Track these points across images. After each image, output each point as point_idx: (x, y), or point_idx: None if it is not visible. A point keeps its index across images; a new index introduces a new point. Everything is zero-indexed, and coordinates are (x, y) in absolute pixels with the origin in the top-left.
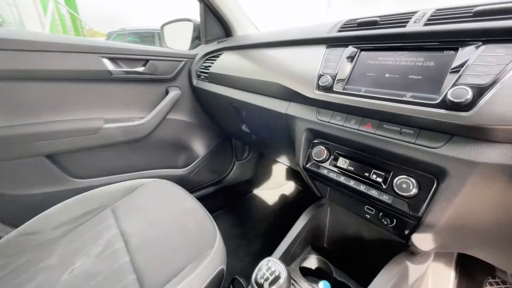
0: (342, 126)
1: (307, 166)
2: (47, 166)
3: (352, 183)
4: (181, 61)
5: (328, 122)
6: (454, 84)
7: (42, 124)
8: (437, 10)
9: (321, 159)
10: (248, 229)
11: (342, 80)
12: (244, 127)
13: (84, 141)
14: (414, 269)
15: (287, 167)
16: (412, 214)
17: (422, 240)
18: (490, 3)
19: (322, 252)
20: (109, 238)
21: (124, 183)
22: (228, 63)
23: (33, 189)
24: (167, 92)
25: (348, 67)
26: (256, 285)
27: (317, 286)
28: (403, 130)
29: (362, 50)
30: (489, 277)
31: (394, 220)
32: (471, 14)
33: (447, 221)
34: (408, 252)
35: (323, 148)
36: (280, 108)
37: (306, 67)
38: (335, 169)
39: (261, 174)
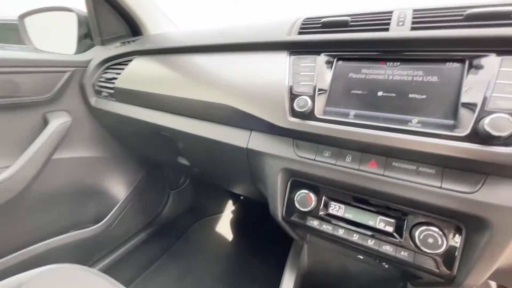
0: (334, 165)
1: (289, 218)
2: None
3: (356, 237)
4: (63, 71)
5: (314, 160)
6: (485, 111)
7: None
8: (416, 11)
9: (309, 209)
10: (201, 275)
11: (322, 99)
12: (180, 159)
13: None
14: None
15: None
16: (443, 275)
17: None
18: (481, 5)
19: None
20: None
21: None
22: (145, 74)
23: None
24: (46, 122)
25: (325, 81)
26: None
27: None
28: (420, 169)
29: (339, 59)
30: None
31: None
32: (462, 17)
33: (487, 277)
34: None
35: (309, 193)
36: (238, 141)
37: (269, 82)
38: (329, 219)
39: (204, 198)
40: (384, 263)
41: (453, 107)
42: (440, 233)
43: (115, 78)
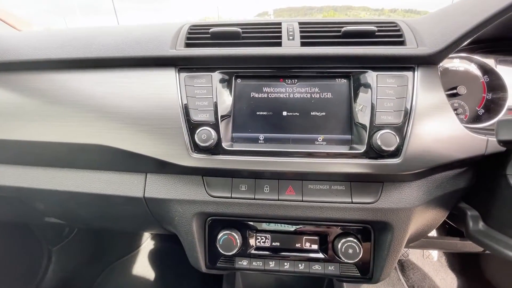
0: (254, 199)
1: (214, 265)
2: None
3: (287, 266)
4: None
5: (230, 197)
6: (375, 126)
7: None
8: (301, 24)
9: (235, 251)
10: None
11: (227, 125)
12: (48, 218)
13: None
14: None
15: None
16: (364, 277)
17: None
18: (354, 21)
19: None
20: None
21: None
22: None
23: None
24: None
25: (227, 104)
26: None
27: None
28: (333, 187)
29: (237, 77)
30: None
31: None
32: (340, 33)
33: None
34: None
35: (233, 233)
36: (130, 190)
37: (157, 108)
38: (259, 255)
39: (104, 241)
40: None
41: (348, 123)
42: (357, 242)
43: None
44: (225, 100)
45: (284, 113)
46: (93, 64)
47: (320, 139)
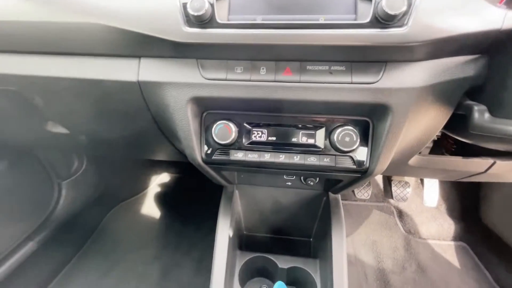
0: (249, 81)
1: (210, 158)
2: None
3: (282, 158)
4: None
5: (225, 79)
6: None
7: None
8: None
9: (229, 140)
10: (129, 264)
11: (223, 6)
12: (51, 126)
13: None
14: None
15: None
16: (359, 169)
17: (354, 187)
18: None
19: (248, 243)
20: None
21: None
22: None
23: None
24: None
25: None
26: None
27: None
28: (333, 68)
29: None
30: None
31: (316, 177)
32: None
33: (391, 162)
34: (334, 203)
35: (227, 123)
36: (124, 74)
37: None
38: (254, 148)
39: (114, 182)
40: (310, 181)
41: (352, 2)
42: (354, 130)
43: None
44: None
45: None
46: None
47: (321, 19)
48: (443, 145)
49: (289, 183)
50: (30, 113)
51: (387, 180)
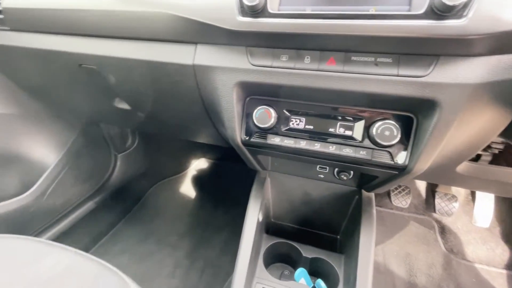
0: (293, 68)
1: (249, 140)
2: None
3: (317, 146)
4: None
5: (271, 66)
6: None
7: None
8: None
9: (268, 125)
10: (165, 234)
11: (276, 2)
12: (118, 103)
13: None
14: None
15: (191, 141)
16: (397, 165)
17: (389, 186)
18: None
19: (275, 230)
20: None
21: None
22: None
23: None
24: None
25: None
26: None
27: (294, 278)
28: (379, 60)
29: None
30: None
31: (352, 172)
32: None
33: (435, 161)
34: (366, 201)
35: (268, 108)
36: (182, 58)
37: None
38: (291, 134)
39: (158, 161)
40: (343, 175)
41: None
42: (395, 124)
43: None
44: None
45: None
46: None
47: (371, 10)
48: (505, 158)
49: (322, 176)
50: (103, 90)
51: (431, 191)
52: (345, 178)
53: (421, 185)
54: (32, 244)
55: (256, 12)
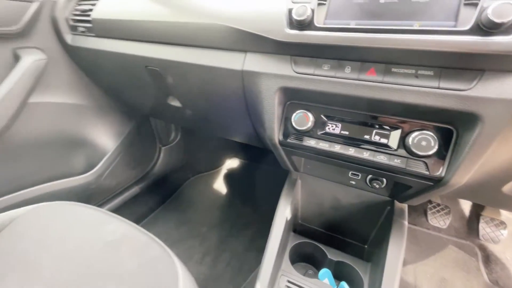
0: (333, 77)
1: (285, 140)
2: None
3: (351, 151)
4: (30, 0)
5: (313, 74)
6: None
7: None
8: None
9: (306, 128)
10: (197, 224)
11: (322, 11)
12: (171, 100)
13: None
14: (406, 226)
15: (226, 140)
16: (432, 176)
17: (424, 198)
18: None
19: (303, 231)
20: None
21: None
22: (126, 1)
23: None
24: (17, 58)
25: None
26: None
27: (318, 277)
28: (419, 72)
29: None
30: (428, 203)
31: (385, 180)
32: None
33: (473, 177)
34: (398, 211)
35: (306, 112)
36: (232, 64)
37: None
38: (326, 138)
39: (196, 155)
40: (376, 183)
41: (455, 8)
42: (433, 135)
43: (91, 10)
44: None
45: (382, 1)
46: None
47: (416, 25)
48: None
49: (353, 182)
50: (161, 89)
51: (475, 214)
52: (377, 186)
53: (465, 207)
54: (96, 213)
55: (303, 25)
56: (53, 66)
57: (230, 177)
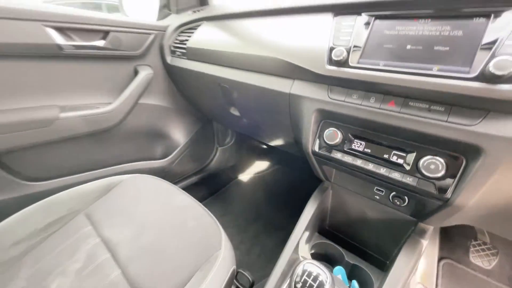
0: (360, 105)
1: (317, 151)
2: None
3: (370, 166)
4: (149, 33)
5: (343, 101)
6: (494, 55)
7: None
8: None
9: (334, 143)
10: (238, 217)
11: (357, 53)
12: (232, 110)
13: (34, 136)
14: (425, 244)
15: (271, 148)
16: (440, 196)
17: (440, 219)
18: None
19: (328, 235)
20: (89, 250)
21: (96, 182)
22: (211, 36)
23: None
24: (136, 72)
25: (362, 38)
26: None
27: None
28: (432, 107)
29: (376, 18)
30: (473, 240)
31: (407, 199)
32: None
33: (478, 201)
34: (420, 230)
35: (336, 130)
36: (282, 88)
37: (313, 39)
38: (351, 152)
39: (245, 158)
40: (397, 200)
41: (471, 57)
42: (442, 162)
43: (187, 40)
44: (361, 34)
45: (408, 47)
46: (282, 13)
47: (435, 68)
48: None
49: (377, 197)
50: (227, 101)
51: None
52: (398, 203)
53: None
54: (171, 187)
55: (339, 63)
56: (156, 78)
57: (271, 182)
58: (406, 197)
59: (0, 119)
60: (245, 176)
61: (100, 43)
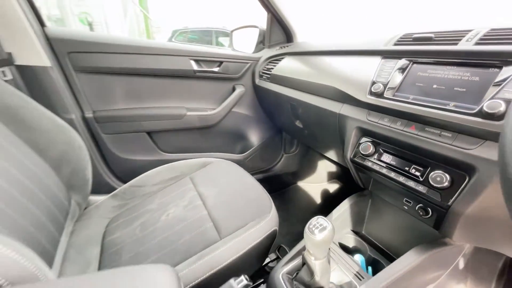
0: (389, 127)
1: (354, 158)
2: (147, 140)
3: (392, 174)
4: (247, 62)
5: (377, 122)
6: (492, 98)
7: (144, 108)
8: (492, 29)
9: (367, 153)
10: (290, 214)
11: (393, 88)
12: (297, 123)
13: (172, 124)
14: (440, 257)
15: (330, 164)
16: (442, 203)
17: (451, 229)
18: None
19: (359, 235)
20: (190, 197)
21: (198, 159)
22: (290, 67)
23: (136, 156)
24: (234, 89)
25: (399, 77)
26: (309, 230)
27: (353, 257)
28: (442, 133)
29: (414, 63)
30: None
31: (430, 210)
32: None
33: (473, 211)
34: (439, 242)
35: (370, 144)
36: (334, 108)
37: (361, 74)
38: (379, 163)
39: (305, 168)
40: (420, 210)
41: (480, 97)
42: (447, 176)
43: (272, 68)
44: (398, 75)
45: (434, 86)
46: (345, 53)
47: (451, 104)
48: None
49: (406, 208)
50: (294, 115)
51: None
52: (421, 213)
53: None
54: (244, 172)
55: (378, 95)
56: (246, 94)
57: (325, 194)
58: (429, 209)
59: (157, 112)
60: (302, 184)
61: (216, 69)
